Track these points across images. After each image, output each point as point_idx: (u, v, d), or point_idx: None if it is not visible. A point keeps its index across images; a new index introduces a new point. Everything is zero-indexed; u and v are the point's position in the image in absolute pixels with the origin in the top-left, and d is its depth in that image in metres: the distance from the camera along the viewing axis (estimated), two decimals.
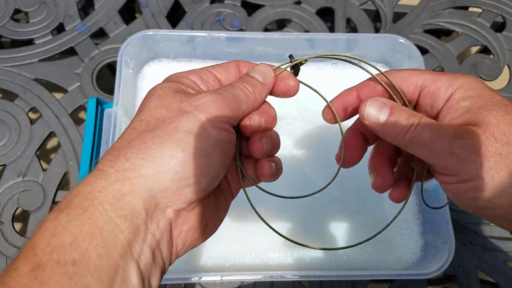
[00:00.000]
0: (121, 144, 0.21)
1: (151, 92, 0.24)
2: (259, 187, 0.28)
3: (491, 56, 0.53)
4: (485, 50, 0.55)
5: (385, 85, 0.27)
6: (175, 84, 0.24)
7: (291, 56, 0.27)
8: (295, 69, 0.27)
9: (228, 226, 0.42)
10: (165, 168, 0.20)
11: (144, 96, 0.24)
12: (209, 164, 0.22)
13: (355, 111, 0.27)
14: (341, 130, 0.28)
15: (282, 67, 0.27)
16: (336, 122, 0.28)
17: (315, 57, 0.28)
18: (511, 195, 0.21)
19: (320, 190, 0.28)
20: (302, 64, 0.27)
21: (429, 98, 0.25)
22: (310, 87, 0.30)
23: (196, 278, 0.36)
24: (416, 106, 0.27)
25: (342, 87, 0.46)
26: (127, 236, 0.19)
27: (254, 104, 0.25)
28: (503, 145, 0.21)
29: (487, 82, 0.52)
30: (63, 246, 0.18)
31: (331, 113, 0.28)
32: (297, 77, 0.27)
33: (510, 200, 0.21)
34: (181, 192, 0.21)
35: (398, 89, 0.26)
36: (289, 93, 0.26)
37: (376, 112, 0.24)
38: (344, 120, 0.28)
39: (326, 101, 0.29)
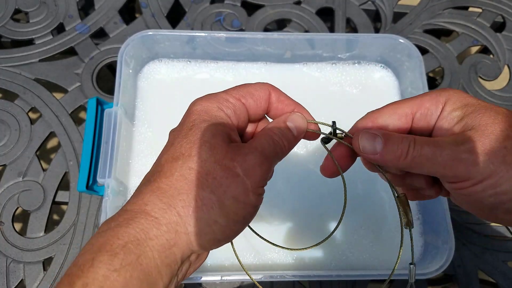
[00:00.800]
0: (171, 191, 0.22)
1: (202, 134, 0.24)
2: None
3: (491, 56, 0.53)
4: (485, 50, 0.55)
5: (349, 145, 0.27)
6: (220, 126, 0.24)
7: (334, 123, 0.27)
8: (327, 139, 0.28)
9: None
10: (207, 231, 0.22)
11: (144, 96, 0.25)
12: (242, 228, 0.24)
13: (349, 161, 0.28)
14: (343, 181, 0.28)
15: (321, 135, 0.27)
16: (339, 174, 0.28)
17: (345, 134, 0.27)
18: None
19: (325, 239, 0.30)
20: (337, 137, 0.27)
21: (423, 121, 0.26)
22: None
23: (197, 278, 0.36)
24: (410, 131, 0.27)
25: (342, 87, 0.47)
26: (166, 282, 0.22)
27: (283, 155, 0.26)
28: (505, 140, 0.22)
29: (487, 82, 0.52)
30: None
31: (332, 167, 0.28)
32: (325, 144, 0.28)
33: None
34: (211, 247, 0.24)
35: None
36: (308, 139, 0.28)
37: (370, 143, 0.25)
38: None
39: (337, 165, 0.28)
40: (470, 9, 0.57)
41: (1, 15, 0.52)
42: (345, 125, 0.36)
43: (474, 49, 0.58)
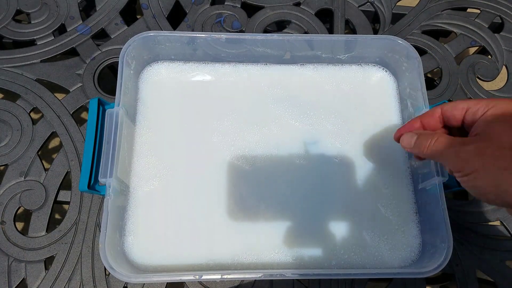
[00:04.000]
0: None
1: None
2: None
3: (489, 56, 0.54)
4: (483, 51, 0.55)
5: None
6: None
7: None
8: None
9: (228, 226, 0.42)
10: None
11: (144, 97, 0.25)
12: None
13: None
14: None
15: None
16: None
17: None
18: (498, 184, 0.28)
19: None
20: None
21: (471, 116, 0.33)
22: None
23: (197, 277, 0.36)
24: (463, 123, 0.34)
25: (341, 88, 0.47)
26: None
27: None
28: (499, 149, 0.28)
29: (485, 83, 0.52)
30: None
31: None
32: None
33: (495, 189, 0.28)
34: None
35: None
36: None
37: (408, 139, 0.36)
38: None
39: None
40: (469, 10, 0.58)
41: (3, 16, 0.52)
42: (345, 125, 0.37)
43: (473, 49, 0.58)
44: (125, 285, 0.42)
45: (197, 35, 0.45)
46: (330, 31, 0.55)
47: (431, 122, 0.36)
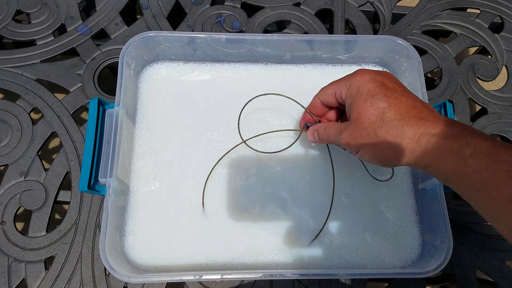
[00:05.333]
0: None
1: None
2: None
3: (489, 56, 0.54)
4: (483, 51, 0.55)
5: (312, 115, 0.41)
6: None
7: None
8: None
9: (228, 226, 0.42)
10: None
11: (144, 97, 0.25)
12: None
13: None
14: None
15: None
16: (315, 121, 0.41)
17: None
18: (377, 156, 0.33)
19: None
20: None
21: (340, 99, 0.37)
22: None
23: (197, 277, 0.36)
24: (341, 105, 0.38)
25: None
26: None
27: None
28: (363, 129, 0.33)
29: (485, 83, 0.52)
30: None
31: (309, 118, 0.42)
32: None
33: (378, 159, 0.34)
34: None
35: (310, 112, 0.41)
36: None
37: (311, 135, 0.40)
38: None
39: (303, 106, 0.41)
40: (469, 10, 0.58)
41: (3, 16, 0.52)
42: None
43: (473, 49, 0.58)
44: (125, 285, 0.42)
45: (197, 35, 0.45)
46: (330, 31, 0.55)
47: (318, 111, 0.40)
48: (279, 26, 0.59)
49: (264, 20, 0.54)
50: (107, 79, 0.55)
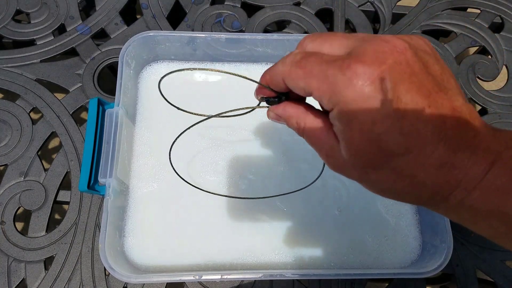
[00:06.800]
0: None
1: None
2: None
3: (489, 56, 0.54)
4: (483, 51, 0.55)
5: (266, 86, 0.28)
6: None
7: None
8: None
9: (228, 226, 0.42)
10: None
11: (144, 97, 0.25)
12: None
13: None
14: None
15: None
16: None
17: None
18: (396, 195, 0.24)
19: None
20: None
21: (317, 101, 0.24)
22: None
23: (197, 277, 0.36)
24: None
25: None
26: None
27: None
28: (372, 180, 0.24)
29: (485, 83, 0.52)
30: None
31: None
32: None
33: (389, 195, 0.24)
34: None
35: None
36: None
37: (274, 118, 0.29)
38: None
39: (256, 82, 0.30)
40: (469, 10, 0.58)
41: (2, 16, 0.52)
42: None
43: (473, 49, 0.58)
44: (125, 285, 0.42)
45: (197, 35, 0.45)
46: (330, 31, 0.55)
47: (281, 90, 0.27)
48: (279, 26, 0.59)
49: (264, 20, 0.54)
50: (107, 79, 0.55)
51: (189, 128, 0.34)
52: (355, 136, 0.22)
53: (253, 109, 0.31)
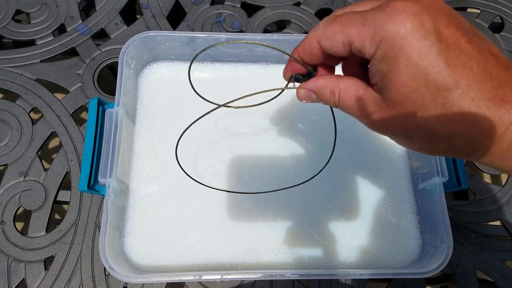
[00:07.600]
0: None
1: None
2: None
3: None
4: None
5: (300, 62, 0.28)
6: None
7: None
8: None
9: (228, 226, 0.42)
10: None
11: (144, 97, 0.25)
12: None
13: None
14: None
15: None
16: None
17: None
18: (430, 149, 0.24)
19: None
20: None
21: (358, 53, 0.23)
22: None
23: (197, 277, 0.36)
24: (353, 56, 0.25)
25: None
26: None
27: None
28: (418, 120, 0.23)
29: None
30: None
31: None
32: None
33: (425, 150, 0.24)
34: None
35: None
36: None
37: (305, 95, 0.29)
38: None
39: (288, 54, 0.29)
40: (469, 10, 0.58)
41: (3, 16, 0.52)
42: (343, 124, 0.36)
43: None
44: (125, 285, 0.42)
45: (197, 35, 0.45)
46: None
47: (313, 59, 0.27)
48: (279, 26, 0.59)
49: (264, 20, 0.54)
50: (107, 79, 0.55)
51: (202, 116, 0.34)
52: (402, 72, 0.21)
53: (282, 90, 0.30)
